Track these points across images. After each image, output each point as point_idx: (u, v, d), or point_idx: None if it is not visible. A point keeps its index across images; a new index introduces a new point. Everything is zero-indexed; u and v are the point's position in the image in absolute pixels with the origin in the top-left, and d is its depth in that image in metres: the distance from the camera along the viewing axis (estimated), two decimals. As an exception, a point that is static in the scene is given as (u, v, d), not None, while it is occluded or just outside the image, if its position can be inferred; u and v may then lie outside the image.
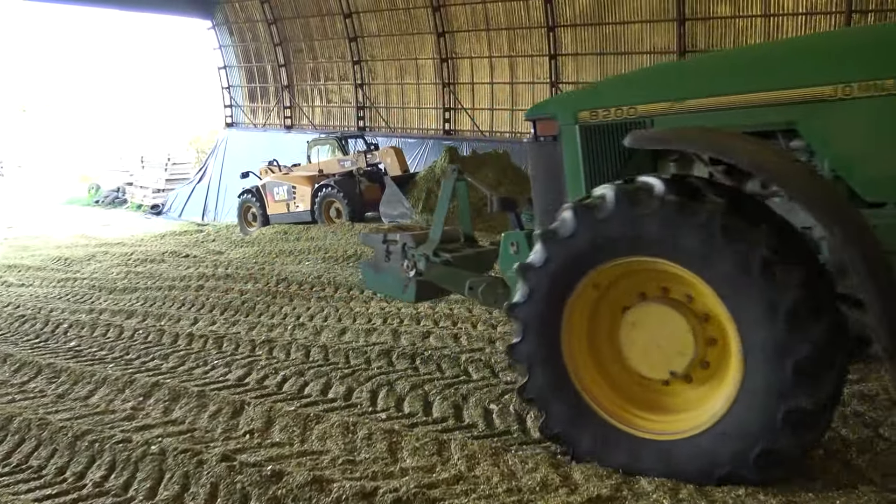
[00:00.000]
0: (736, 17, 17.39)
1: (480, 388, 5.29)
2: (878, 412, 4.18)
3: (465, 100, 23.47)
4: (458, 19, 22.72)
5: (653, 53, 18.94)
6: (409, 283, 5.71)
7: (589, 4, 19.71)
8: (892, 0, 15.33)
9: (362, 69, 25.93)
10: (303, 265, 12.31)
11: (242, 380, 6.16)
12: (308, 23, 26.80)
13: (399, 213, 15.38)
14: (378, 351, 6.48)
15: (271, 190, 18.79)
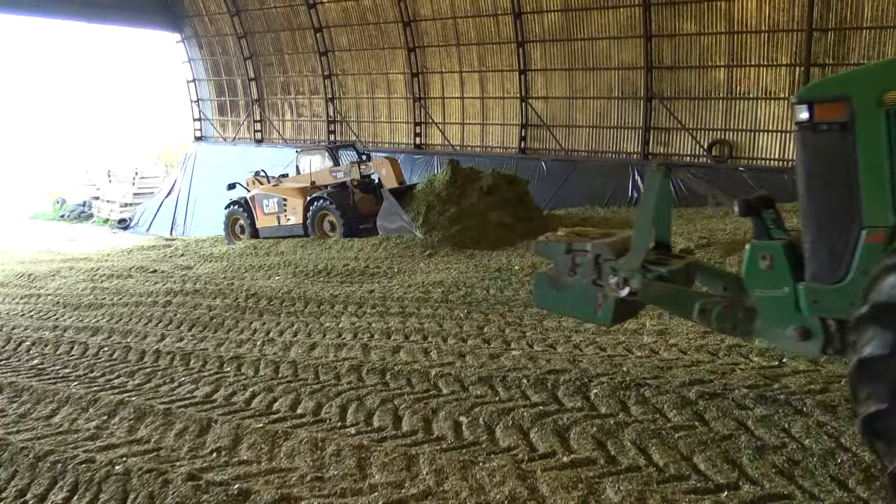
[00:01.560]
0: (701, 34, 17.74)
1: (450, 402, 5.29)
2: (841, 422, 4.26)
3: (436, 114, 23.57)
4: (428, 34, 22.85)
5: (620, 69, 19.24)
6: (603, 302, 4.58)
7: (557, 21, 19.97)
8: (851, 19, 15.75)
9: (333, 83, 25.92)
10: (273, 280, 12.22)
11: (210, 397, 6.09)
12: (278, 37, 26.75)
13: (397, 227, 14.79)
14: (348, 366, 6.45)
15: (260, 202, 18.02)
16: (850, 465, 3.76)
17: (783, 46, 16.76)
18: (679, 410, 4.63)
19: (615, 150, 19.85)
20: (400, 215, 14.72)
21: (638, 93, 19.05)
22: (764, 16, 16.78)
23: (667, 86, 18.62)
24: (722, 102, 17.92)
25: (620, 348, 6.42)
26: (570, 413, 4.80)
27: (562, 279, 4.79)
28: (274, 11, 26.20)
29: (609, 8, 18.88)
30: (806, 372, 5.24)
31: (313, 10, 24.85)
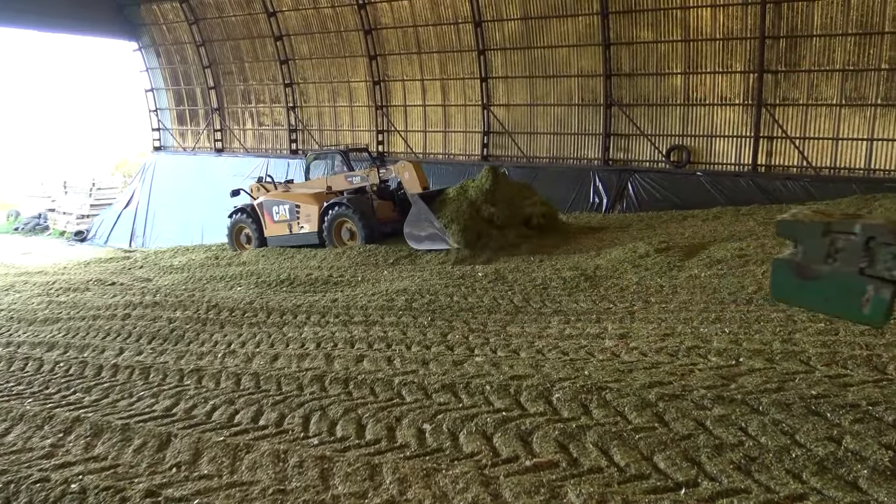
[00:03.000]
0: (658, 41, 18.06)
1: (414, 410, 5.28)
2: (795, 419, 4.36)
3: (398, 122, 23.58)
4: (389, 42, 22.88)
5: (580, 76, 19.48)
6: (874, 296, 3.94)
7: (517, 29, 20.16)
8: (801, 27, 16.19)
9: (294, 92, 25.78)
10: (235, 291, 12.08)
11: (170, 411, 6.00)
12: (238, 45, 26.53)
13: (428, 235, 13.69)
14: (311, 376, 6.40)
15: (269, 209, 16.81)
16: (804, 460, 3.85)
17: (737, 54, 17.15)
18: (640, 412, 4.69)
19: (576, 156, 20.07)
20: (431, 222, 13.62)
21: (597, 99, 19.30)
22: (718, 24, 17.16)
23: (625, 92, 18.90)
24: (679, 109, 18.26)
25: (583, 352, 6.48)
26: (532, 418, 4.83)
27: (812, 267, 4.14)
28: (233, 20, 25.98)
29: (568, 16, 19.12)
30: (762, 370, 5.35)
31: (273, 18, 24.70)
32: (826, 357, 5.52)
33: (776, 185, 16.62)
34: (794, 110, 16.73)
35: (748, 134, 17.29)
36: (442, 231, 13.36)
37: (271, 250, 16.16)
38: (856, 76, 15.81)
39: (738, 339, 6.34)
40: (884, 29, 15.20)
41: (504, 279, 10.69)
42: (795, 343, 6.01)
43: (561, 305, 8.90)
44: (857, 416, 4.25)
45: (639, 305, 8.45)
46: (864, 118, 15.93)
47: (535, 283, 10.17)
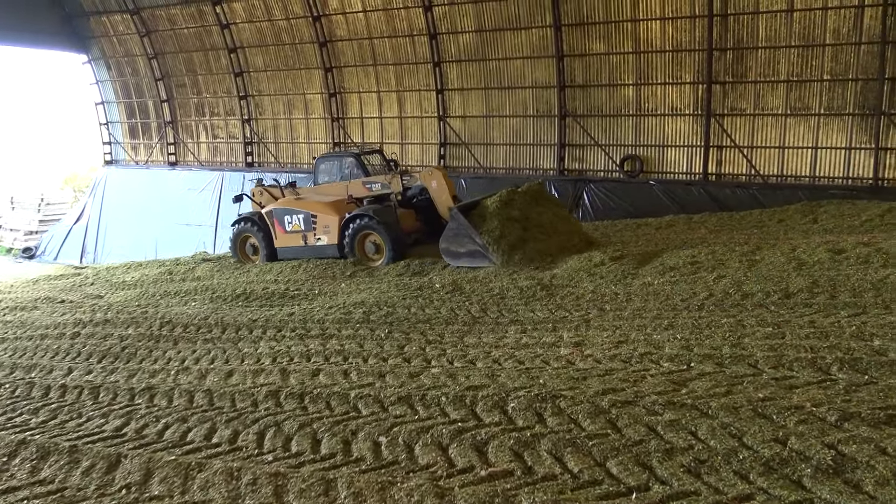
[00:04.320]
0: (609, 53, 18.40)
1: (370, 423, 5.27)
2: (743, 423, 4.46)
3: (355, 134, 23.55)
4: (345, 55, 22.86)
5: (535, 88, 19.72)
6: None
7: (472, 41, 20.34)
8: (748, 39, 16.67)
9: (249, 104, 25.56)
10: (189, 306, 11.89)
11: (120, 431, 5.87)
12: (191, 57, 26.21)
13: (468, 252, 12.64)
14: (266, 392, 6.33)
15: (280, 218, 15.38)
16: (751, 461, 3.94)
17: (686, 65, 17.57)
18: (593, 419, 4.75)
19: (532, 166, 20.28)
20: (473, 237, 12.56)
21: (552, 111, 19.56)
22: (668, 36, 17.56)
23: (579, 103, 19.19)
24: (632, 119, 18.61)
25: (538, 361, 6.54)
26: (488, 428, 4.86)
27: None
28: (186, 32, 25.67)
29: (521, 29, 19.36)
30: (711, 375, 5.47)
31: (227, 30, 24.48)
32: (773, 360, 5.67)
33: (726, 193, 17.04)
34: (741, 120, 17.18)
35: (698, 143, 17.70)
36: (485, 248, 12.39)
37: (226, 264, 15.94)
38: (800, 87, 16.33)
39: (689, 344, 6.46)
40: (825, 41, 15.76)
41: (461, 290, 10.73)
42: (744, 347, 6.15)
43: (518, 315, 8.96)
44: (801, 418, 4.37)
45: (594, 313, 8.56)
46: (808, 127, 16.45)
47: (492, 293, 10.23)
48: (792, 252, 10.27)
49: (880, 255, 9.38)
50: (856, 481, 3.63)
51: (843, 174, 16.19)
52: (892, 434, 4.04)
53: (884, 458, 3.77)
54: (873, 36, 15.24)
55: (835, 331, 6.40)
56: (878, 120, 15.47)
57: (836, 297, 7.99)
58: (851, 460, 3.80)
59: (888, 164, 15.67)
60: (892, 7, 14.86)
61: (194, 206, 25.67)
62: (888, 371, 5.19)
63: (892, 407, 4.43)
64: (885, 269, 8.75)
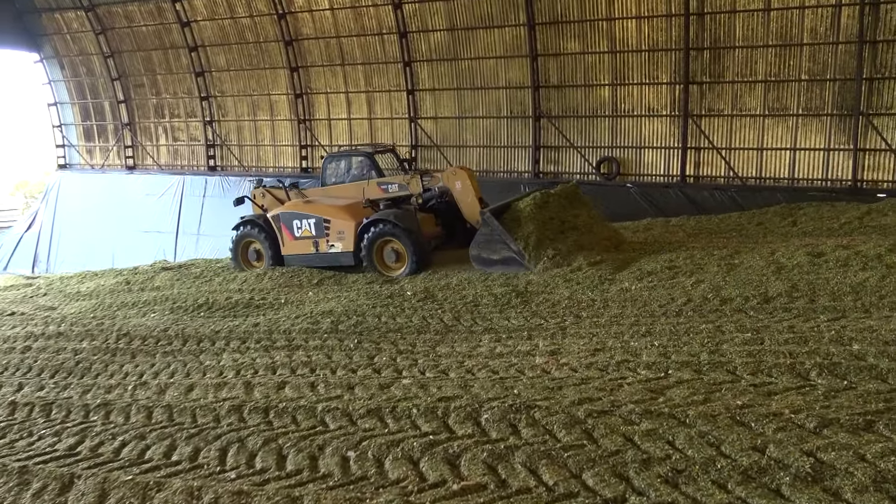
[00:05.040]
0: (585, 53, 18.57)
1: (337, 437, 5.24)
2: (721, 431, 4.52)
3: (323, 136, 23.48)
4: (311, 54, 22.79)
5: (508, 88, 19.84)
6: None
7: (444, 40, 20.40)
8: (724, 38, 16.94)
9: (211, 105, 25.37)
10: (148, 318, 11.74)
11: (73, 449, 5.78)
12: (150, 56, 25.95)
13: (502, 259, 12.26)
14: (229, 407, 6.27)
15: (289, 223, 14.68)
16: (729, 470, 3.99)
17: (663, 65, 17.79)
18: (568, 430, 4.78)
19: (506, 168, 20.39)
20: (508, 243, 12.17)
21: (526, 112, 19.68)
22: (644, 35, 17.78)
23: (554, 104, 19.34)
24: (608, 120, 18.79)
25: (513, 370, 6.56)
26: (460, 440, 4.86)
27: None
28: (144, 29, 25.41)
29: (494, 27, 19.47)
30: (689, 382, 5.53)
31: (187, 28, 24.29)
32: (752, 366, 5.75)
33: (704, 196, 17.28)
34: (719, 121, 17.44)
35: (676, 145, 17.93)
36: (521, 254, 12.02)
37: (188, 273, 15.76)
38: (777, 87, 16.62)
39: (667, 351, 6.53)
40: (802, 41, 16.06)
41: (434, 297, 10.74)
42: (723, 353, 6.23)
43: (492, 323, 8.99)
44: (780, 425, 4.44)
45: (570, 320, 8.62)
46: (786, 128, 16.75)
47: (465, 301, 10.25)
48: (771, 256, 10.44)
49: (859, 258, 9.57)
50: (835, 489, 3.70)
51: (822, 176, 16.50)
52: (871, 440, 4.12)
53: (863, 464, 3.84)
54: (850, 35, 15.57)
55: (814, 335, 6.52)
56: (856, 121, 15.80)
57: (815, 301, 8.14)
58: (830, 467, 3.86)
59: (867, 166, 16.01)
60: (870, 6, 15.20)
61: (153, 212, 25.41)
62: (867, 376, 5.30)
63: (871, 412, 4.52)
64: (864, 272, 8.93)
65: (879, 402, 4.72)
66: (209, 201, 24.73)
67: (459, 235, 14.39)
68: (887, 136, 15.61)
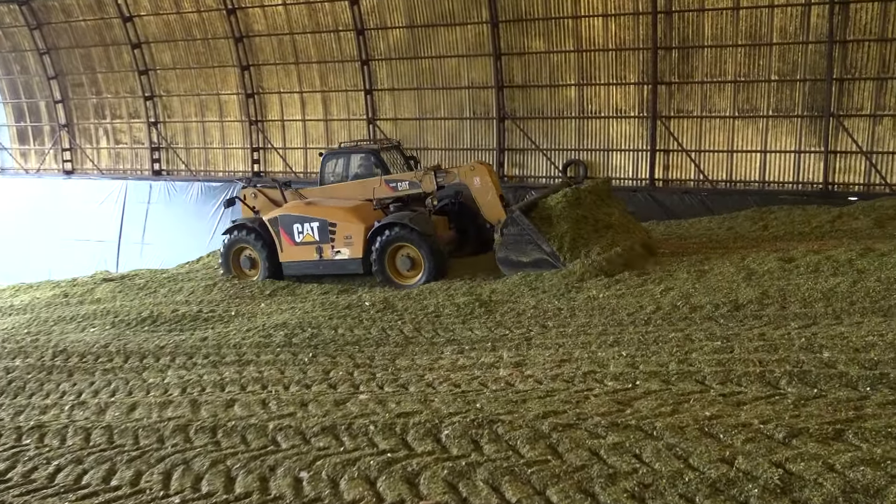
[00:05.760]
0: (550, 52, 18.76)
1: (290, 457, 5.20)
2: (689, 443, 4.59)
3: (276, 138, 23.32)
4: (263, 52, 22.64)
5: (471, 88, 19.94)
6: None
7: (403, 38, 20.43)
8: (693, 37, 17.26)
9: (156, 105, 25.03)
10: (87, 333, 11.53)
11: (4, 475, 5.65)
12: (89, 53, 25.51)
13: (533, 261, 11.86)
14: (173, 426, 6.19)
15: (288, 227, 13.98)
16: (697, 483, 4.05)
17: (630, 64, 18.05)
18: (532, 445, 4.81)
19: (470, 172, 20.43)
20: (540, 244, 11.82)
21: (490, 112, 19.81)
22: (611, 34, 18.02)
23: (519, 105, 19.49)
24: (574, 122, 18.99)
25: (475, 383, 6.59)
26: (420, 458, 4.86)
27: None
28: (83, 25, 24.99)
29: (456, 25, 19.57)
30: (657, 393, 5.61)
31: (130, 23, 23.94)
32: (721, 375, 5.86)
33: (674, 200, 17.56)
34: (688, 123, 17.74)
35: (644, 147, 18.19)
36: (554, 256, 11.70)
37: (131, 285, 15.51)
38: (747, 87, 16.98)
39: (635, 361, 6.62)
40: (772, 40, 16.44)
41: (394, 308, 10.73)
42: (691, 363, 6.34)
43: (454, 334, 9.02)
44: (749, 436, 4.52)
45: (536, 331, 8.69)
46: (757, 130, 17.11)
47: (426, 311, 10.27)
48: (742, 261, 10.65)
49: (830, 262, 9.81)
50: (803, 500, 3.78)
51: (793, 179, 16.88)
52: (841, 450, 4.22)
53: (832, 475, 3.93)
54: (820, 35, 15.98)
55: (784, 343, 6.66)
56: (826, 122, 16.21)
57: (786, 307, 8.33)
58: (799, 479, 3.95)
59: (838, 168, 16.42)
60: (839, 6, 15.62)
61: (93, 220, 24.96)
62: (837, 383, 5.43)
63: (841, 421, 4.63)
64: (834, 277, 9.16)
65: (849, 411, 4.85)
66: (154, 208, 24.38)
67: (473, 241, 14.24)
68: (858, 137, 16.04)
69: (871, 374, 5.46)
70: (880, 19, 15.42)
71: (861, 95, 16.01)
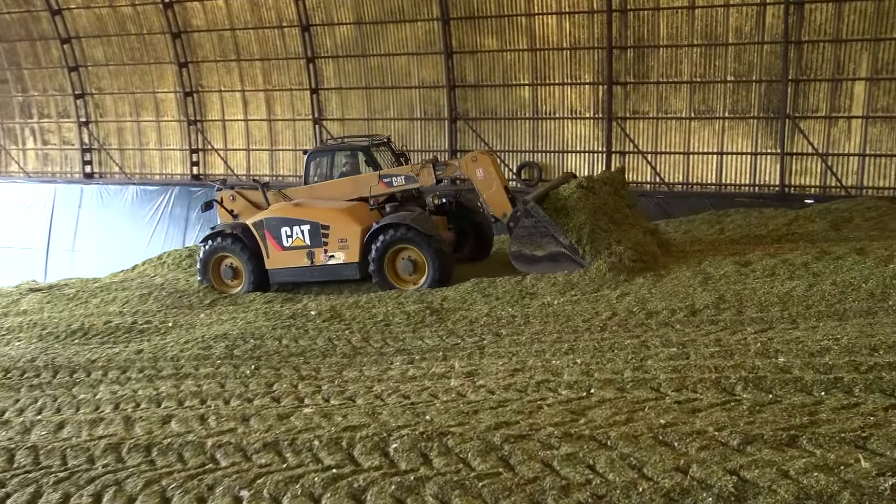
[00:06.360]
0: (503, 50, 18.93)
1: (229, 475, 5.14)
2: (643, 452, 4.66)
3: (217, 139, 23.07)
4: (202, 48, 22.39)
5: (422, 87, 19.99)
6: None
7: (351, 35, 20.41)
8: (648, 37, 17.57)
9: (87, 104, 24.57)
10: (11, 347, 11.25)
11: (-82, 502, 5.46)
12: (14, 48, 24.94)
13: (549, 255, 11.72)
14: (105, 445, 6.06)
15: (275, 230, 13.45)
16: (651, 493, 4.12)
17: (585, 64, 18.32)
18: (484, 457, 4.83)
19: (421, 175, 20.48)
20: (556, 238, 11.63)
21: (441, 113, 19.90)
22: (565, 33, 18.26)
23: (471, 105, 19.61)
24: (528, 122, 19.19)
25: (425, 395, 6.59)
26: (366, 473, 4.85)
27: None
28: (7, 17, 24.41)
29: (406, 21, 19.62)
30: (612, 401, 5.69)
31: (59, 16, 23.47)
32: (676, 382, 5.96)
33: (630, 203, 17.81)
34: (644, 124, 18.06)
35: (600, 149, 18.46)
36: (573, 249, 11.50)
37: (60, 295, 15.16)
38: (703, 88, 17.36)
39: (589, 369, 6.70)
40: (728, 40, 16.84)
41: (341, 317, 10.69)
42: (647, 370, 6.44)
43: (405, 343, 9.02)
44: (703, 443, 4.61)
45: (489, 339, 8.74)
46: (713, 131, 17.50)
47: (375, 320, 10.25)
48: (698, 266, 10.87)
49: (786, 266, 10.08)
50: (757, 508, 3.87)
51: (749, 181, 17.30)
52: (795, 456, 4.33)
53: (786, 481, 4.03)
54: (776, 35, 16.43)
55: (740, 349, 6.81)
56: (782, 124, 16.65)
57: (742, 312, 8.52)
58: (753, 486, 4.04)
59: (794, 170, 16.88)
60: (794, 6, 16.08)
61: (19, 226, 24.40)
62: (792, 388, 5.57)
63: (795, 427, 4.75)
64: (790, 281, 9.41)
65: (804, 416, 4.97)
66: (85, 213, 23.96)
67: (471, 244, 14.09)
68: (814, 139, 16.52)
69: (826, 379, 5.62)
70: (835, 20, 15.93)
71: (816, 97, 16.50)
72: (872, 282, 8.83)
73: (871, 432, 4.46)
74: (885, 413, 4.86)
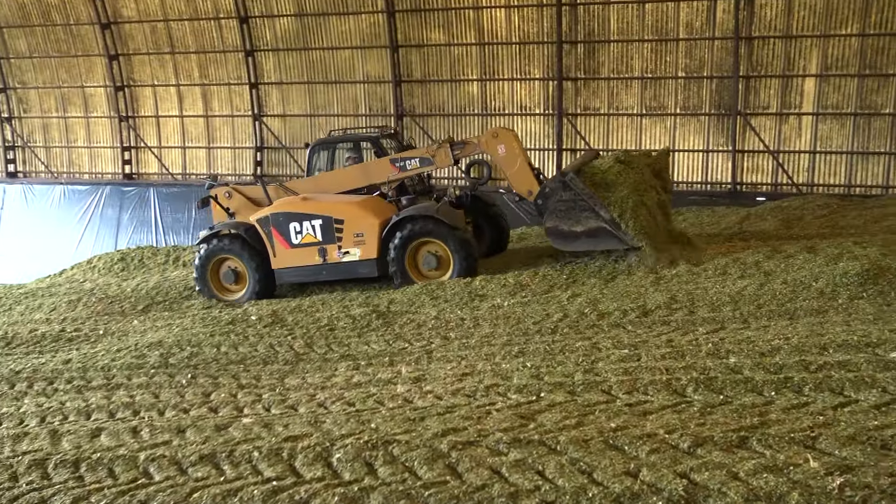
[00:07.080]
0: (450, 44, 18.99)
1: (163, 491, 5.06)
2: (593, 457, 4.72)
3: (150, 137, 22.69)
4: (134, 39, 22.02)
5: (367, 83, 19.95)
6: None
7: (292, 27, 20.27)
8: (599, 32, 17.81)
9: (9, 99, 23.98)
10: (-73, 358, 10.91)
11: None
12: (-72, 39, 24.22)
13: (587, 231, 11.50)
14: (29, 461, 5.92)
15: (282, 227, 12.78)
16: (601, 498, 4.17)
17: (535, 59, 18.49)
18: (430, 465, 4.85)
19: (367, 173, 20.43)
20: (597, 212, 11.33)
21: (387, 109, 19.88)
22: (514, 26, 18.42)
23: (418, 101, 19.64)
24: (477, 119, 19.29)
25: (371, 402, 6.58)
26: (308, 485, 4.82)
27: None
28: (-80, 6, 23.70)
29: (349, 14, 19.57)
30: (562, 405, 5.75)
31: (-24, 6, 22.87)
32: (627, 385, 6.05)
33: (582, 202, 18.02)
34: (595, 120, 18.31)
35: (550, 146, 18.65)
36: (614, 224, 11.23)
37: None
38: (654, 84, 17.66)
39: (539, 372, 6.76)
40: (678, 35, 17.17)
41: (283, 322, 10.61)
42: (598, 372, 6.53)
43: (350, 349, 8.99)
44: (654, 447, 4.70)
45: (437, 343, 8.75)
46: (665, 128, 17.82)
47: (319, 325, 10.20)
48: (650, 265, 11.04)
49: (738, 265, 10.31)
50: (707, 511, 3.96)
51: (701, 178, 17.65)
52: (745, 457, 4.44)
53: (735, 483, 4.12)
54: (726, 31, 16.81)
55: (691, 349, 6.94)
56: (734, 121, 17.03)
57: (694, 312, 8.68)
58: (703, 488, 4.13)
59: (745, 168, 17.28)
60: (745, 1, 16.46)
61: (-64, 230, 23.65)
62: (743, 389, 5.71)
63: (745, 428, 4.87)
64: (742, 280, 9.63)
65: (754, 417, 5.10)
66: (8, 215, 23.44)
67: (487, 239, 13.95)
68: (765, 136, 16.93)
69: (776, 379, 5.76)
70: (785, 16, 16.35)
71: (767, 93, 16.92)
72: (822, 280, 9.08)
73: (819, 432, 4.59)
74: (833, 412, 5.00)
